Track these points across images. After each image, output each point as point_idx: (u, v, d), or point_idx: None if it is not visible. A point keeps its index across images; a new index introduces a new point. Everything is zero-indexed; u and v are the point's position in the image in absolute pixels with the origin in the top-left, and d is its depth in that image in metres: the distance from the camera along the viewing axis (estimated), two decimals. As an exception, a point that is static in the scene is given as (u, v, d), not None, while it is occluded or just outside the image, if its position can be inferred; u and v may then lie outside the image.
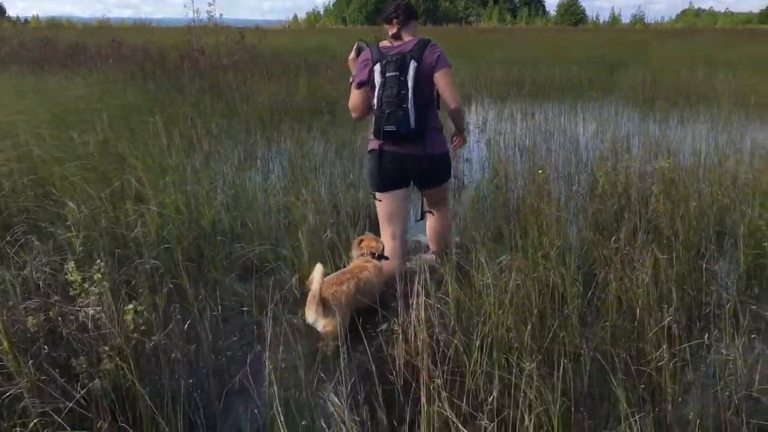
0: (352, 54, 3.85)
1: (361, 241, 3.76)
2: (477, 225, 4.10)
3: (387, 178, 3.77)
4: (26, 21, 62.92)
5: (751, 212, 4.18)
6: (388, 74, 3.48)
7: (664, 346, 2.60)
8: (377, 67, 3.54)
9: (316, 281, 3.12)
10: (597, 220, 4.19)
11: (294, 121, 9.13)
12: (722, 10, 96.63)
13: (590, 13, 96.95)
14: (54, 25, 50.68)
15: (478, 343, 2.64)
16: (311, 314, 3.20)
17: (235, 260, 4.03)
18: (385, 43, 3.71)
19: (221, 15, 15.71)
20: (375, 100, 3.57)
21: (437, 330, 2.90)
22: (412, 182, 3.88)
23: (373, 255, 3.65)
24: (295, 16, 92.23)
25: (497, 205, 4.75)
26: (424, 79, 3.54)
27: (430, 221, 4.08)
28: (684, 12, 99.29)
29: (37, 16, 68.67)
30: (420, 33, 3.78)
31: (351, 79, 3.82)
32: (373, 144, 3.75)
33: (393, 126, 3.47)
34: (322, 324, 3.19)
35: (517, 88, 13.10)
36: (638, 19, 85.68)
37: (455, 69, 3.90)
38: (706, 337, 2.87)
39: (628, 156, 4.91)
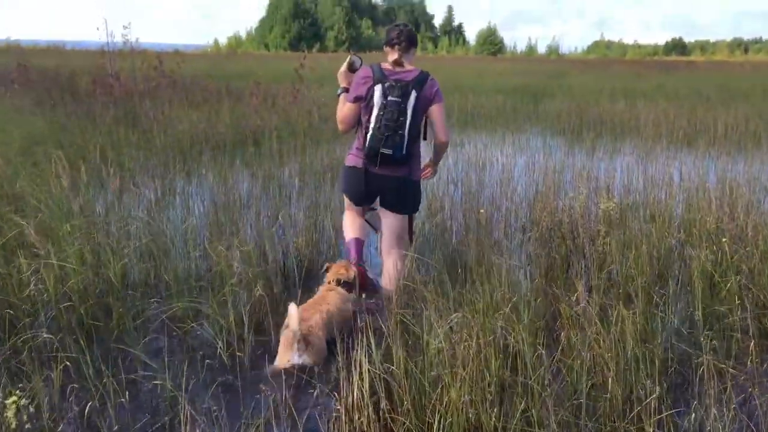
0: (343, 67, 3.97)
1: (328, 268, 3.74)
2: (418, 272, 3.76)
3: (367, 197, 3.97)
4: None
5: (696, 253, 4.03)
6: (390, 98, 3.62)
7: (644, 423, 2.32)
8: (378, 88, 3.66)
9: (294, 321, 3.02)
10: (546, 266, 3.94)
11: (217, 152, 8.64)
12: (630, 42, 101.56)
13: (508, 43, 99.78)
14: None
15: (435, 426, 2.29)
16: (293, 354, 3.08)
17: (148, 319, 3.53)
18: (385, 65, 3.81)
19: (137, 39, 15.02)
20: (373, 121, 3.67)
21: (385, 407, 2.52)
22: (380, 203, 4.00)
23: (338, 282, 3.59)
24: (216, 41, 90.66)
25: (437, 248, 4.43)
26: (421, 110, 3.74)
27: (388, 263, 4.03)
28: (595, 43, 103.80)
29: (-64, 36, 64.92)
30: (342, 59, 4.00)
31: (339, 92, 3.97)
32: (354, 160, 3.89)
33: (389, 150, 3.63)
34: (309, 360, 3.10)
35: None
36: (553, 50, 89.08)
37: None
38: (692, 414, 2.60)
39: (572, 194, 4.71)
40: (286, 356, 3.10)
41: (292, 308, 3.04)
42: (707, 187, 5.56)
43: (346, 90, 3.94)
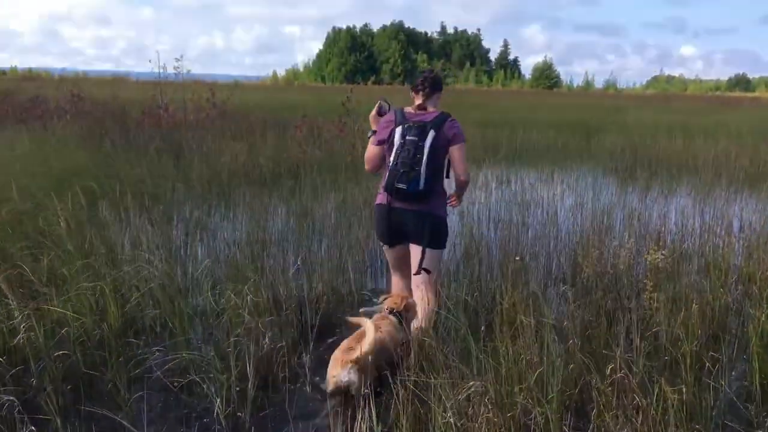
0: (374, 111, 4.21)
1: (386, 298, 3.80)
2: (438, 333, 3.44)
3: (393, 233, 4.07)
4: (4, 72, 62.48)
5: (755, 312, 3.59)
6: (407, 137, 3.82)
7: None
8: (398, 130, 3.86)
9: (368, 343, 2.96)
10: (584, 324, 3.54)
11: (254, 185, 8.52)
12: (692, 77, 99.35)
13: (564, 77, 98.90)
14: (28, 77, 50.18)
15: None
16: (343, 371, 2.94)
17: (147, 370, 3.30)
18: (408, 110, 4.01)
19: (189, 70, 15.26)
20: (392, 158, 3.85)
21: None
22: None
23: (391, 311, 3.61)
24: (275, 73, 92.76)
25: (464, 299, 4.08)
26: (440, 148, 3.86)
27: (416, 296, 4.01)
28: (655, 78, 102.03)
29: (16, 67, 68.23)
30: (397, 93, 3.52)
31: (369, 134, 4.22)
32: (381, 198, 4.05)
33: (404, 185, 3.80)
34: (354, 379, 2.93)
35: (493, 152, 12.66)
36: (611, 84, 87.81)
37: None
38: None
39: (616, 242, 4.31)
40: (336, 375, 2.97)
41: (369, 330, 3.05)
42: (771, 236, 5.08)
43: (375, 133, 4.14)
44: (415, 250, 4.04)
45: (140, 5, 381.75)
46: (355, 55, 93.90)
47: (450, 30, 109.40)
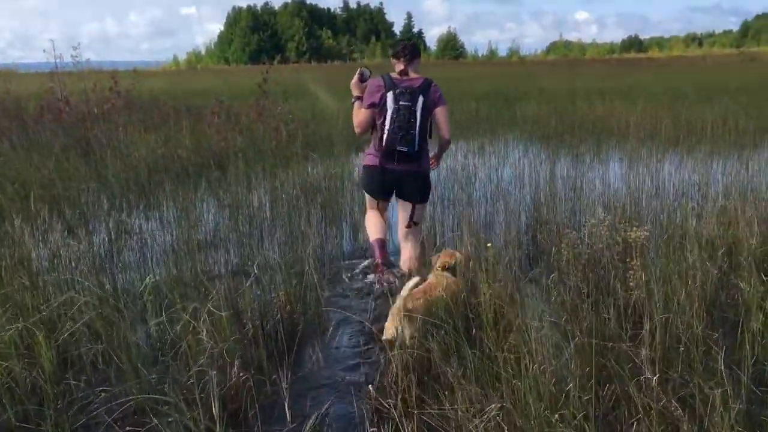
0: (355, 78, 4.53)
1: (438, 258, 3.91)
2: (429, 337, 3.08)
3: (384, 191, 4.54)
4: None
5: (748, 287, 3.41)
6: (401, 102, 4.16)
7: None
8: (390, 95, 4.21)
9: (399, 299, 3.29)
10: (580, 317, 3.24)
11: (178, 180, 7.87)
12: (589, 41, 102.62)
13: (468, 47, 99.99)
14: None
15: None
16: (396, 327, 3.21)
17: (92, 417, 2.77)
18: (394, 75, 4.36)
19: (88, 59, 14.13)
20: (387, 123, 4.21)
21: None
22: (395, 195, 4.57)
23: (445, 268, 3.78)
24: (175, 57, 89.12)
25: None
26: (427, 111, 4.26)
27: (405, 247, 4.55)
28: (554, 44, 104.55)
29: None
30: (305, 71, 3.37)
31: (353, 100, 4.53)
32: (373, 160, 4.43)
33: (404, 147, 4.19)
34: (407, 333, 3.18)
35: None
36: (514, 52, 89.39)
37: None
38: None
39: (593, 220, 4.06)
40: (392, 328, 3.24)
41: (412, 282, 3.42)
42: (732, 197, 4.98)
43: (359, 98, 4.47)
44: (404, 205, 4.53)
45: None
46: (258, 34, 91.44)
47: (353, 5, 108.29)
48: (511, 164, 8.79)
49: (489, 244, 3.86)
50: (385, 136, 4.22)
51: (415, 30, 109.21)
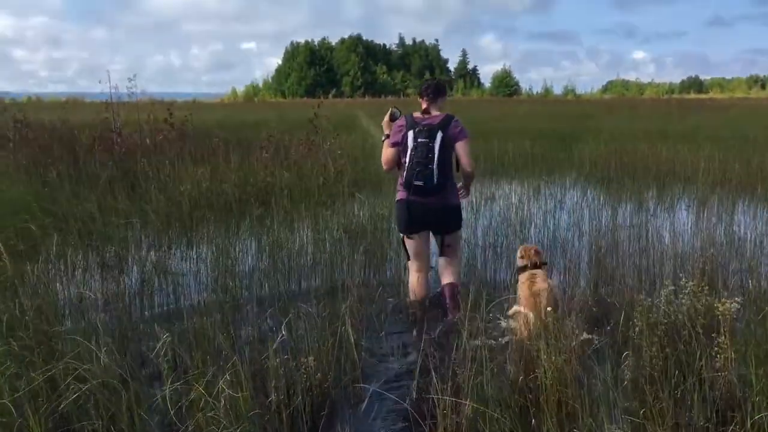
0: (386, 118, 4.74)
1: (522, 257, 4.48)
2: None
3: (414, 224, 4.59)
4: (-51, 97, 59.90)
5: None
6: (419, 140, 4.33)
7: None
8: (410, 133, 4.41)
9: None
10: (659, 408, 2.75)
11: (220, 216, 7.65)
12: (647, 81, 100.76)
13: (523, 84, 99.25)
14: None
15: None
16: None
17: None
18: (417, 114, 4.57)
19: (143, 90, 14.30)
20: (407, 159, 4.40)
21: None
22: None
23: (534, 266, 4.28)
24: (234, 90, 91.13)
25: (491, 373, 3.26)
26: (447, 147, 4.39)
27: (445, 278, 4.70)
28: (610, 83, 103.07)
29: (-38, 92, 65.43)
30: (359, 105, 3.03)
31: (383, 138, 4.72)
32: (402, 195, 4.55)
33: (421, 181, 4.33)
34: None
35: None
36: (570, 90, 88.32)
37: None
38: None
39: (671, 286, 3.53)
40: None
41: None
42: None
43: (388, 136, 4.67)
44: (436, 237, 4.73)
45: (92, 26, 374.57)
46: (314, 68, 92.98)
47: (408, 41, 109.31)
48: (569, 209, 8.29)
49: (549, 309, 3.43)
50: (405, 172, 4.46)
51: (470, 66, 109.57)
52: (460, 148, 4.45)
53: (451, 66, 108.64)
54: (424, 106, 4.63)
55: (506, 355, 3.30)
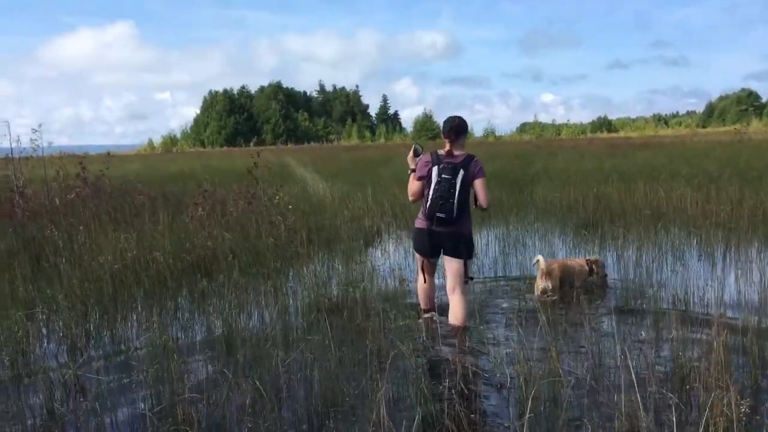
0: (411, 153, 5.27)
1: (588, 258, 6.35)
2: None
3: (430, 249, 5.14)
4: None
5: None
6: (443, 176, 4.85)
7: None
8: (435, 169, 4.90)
9: (542, 264, 5.81)
10: None
11: (151, 295, 6.07)
12: (562, 121, 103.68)
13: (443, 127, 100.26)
14: None
15: None
16: (541, 282, 5.88)
17: None
18: (441, 151, 5.02)
19: (50, 143, 12.43)
20: (430, 192, 4.90)
21: None
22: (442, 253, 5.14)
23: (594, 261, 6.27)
24: (150, 140, 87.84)
25: None
26: (467, 184, 4.89)
27: (453, 300, 5.12)
28: (525, 124, 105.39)
29: None
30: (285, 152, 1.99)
31: (409, 172, 5.28)
32: (422, 223, 5.08)
33: (443, 214, 4.85)
34: (549, 285, 5.84)
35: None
36: (490, 132, 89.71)
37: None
38: None
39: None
40: (539, 284, 5.88)
41: (540, 258, 5.87)
42: None
43: (414, 171, 5.17)
44: (449, 262, 5.08)
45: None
46: (234, 117, 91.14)
47: (329, 88, 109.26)
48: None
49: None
50: (428, 204, 4.90)
51: (391, 111, 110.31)
52: (479, 185, 4.92)
53: (372, 111, 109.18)
54: (447, 146, 5.00)
55: None
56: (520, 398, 3.61)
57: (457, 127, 4.99)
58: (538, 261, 5.89)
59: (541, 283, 5.85)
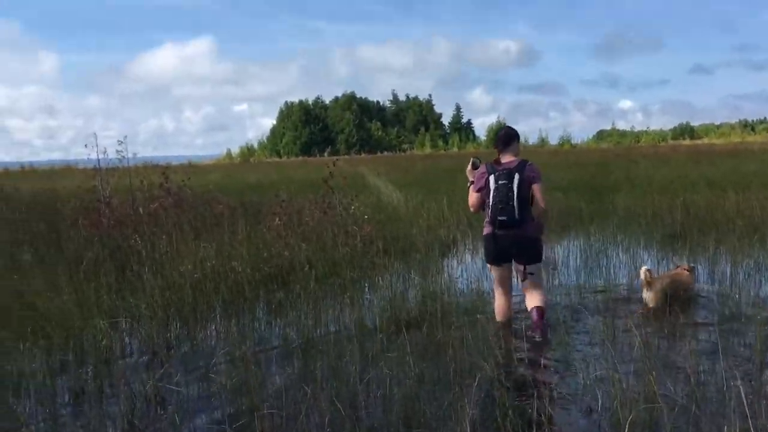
0: (469, 167, 5.49)
1: (677, 266, 6.22)
2: None
3: (498, 254, 5.27)
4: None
5: None
6: (500, 182, 5.05)
7: None
8: (491, 177, 5.11)
9: (642, 274, 5.70)
10: None
11: (229, 304, 6.10)
12: (641, 129, 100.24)
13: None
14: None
15: None
16: (644, 292, 5.70)
17: None
18: (495, 161, 5.23)
19: (135, 154, 12.82)
20: (490, 200, 5.10)
21: None
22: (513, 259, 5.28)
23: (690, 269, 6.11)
24: (229, 151, 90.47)
25: None
26: (525, 187, 5.04)
27: (529, 300, 5.27)
28: (602, 131, 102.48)
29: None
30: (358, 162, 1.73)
31: (468, 185, 5.48)
32: (488, 230, 5.24)
33: (504, 217, 5.00)
34: (650, 298, 5.64)
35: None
36: (566, 140, 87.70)
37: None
38: None
39: None
40: (644, 296, 5.73)
41: (643, 268, 5.74)
42: None
43: (473, 183, 5.38)
44: (518, 266, 5.23)
45: (86, 94, 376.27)
46: (309, 127, 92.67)
47: (402, 98, 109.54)
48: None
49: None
50: (490, 210, 5.10)
51: (464, 120, 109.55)
52: (536, 189, 5.07)
53: (445, 120, 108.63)
54: (500, 155, 5.25)
55: None
56: (614, 423, 3.37)
57: (504, 137, 5.26)
58: (643, 271, 5.77)
59: (644, 295, 5.73)
